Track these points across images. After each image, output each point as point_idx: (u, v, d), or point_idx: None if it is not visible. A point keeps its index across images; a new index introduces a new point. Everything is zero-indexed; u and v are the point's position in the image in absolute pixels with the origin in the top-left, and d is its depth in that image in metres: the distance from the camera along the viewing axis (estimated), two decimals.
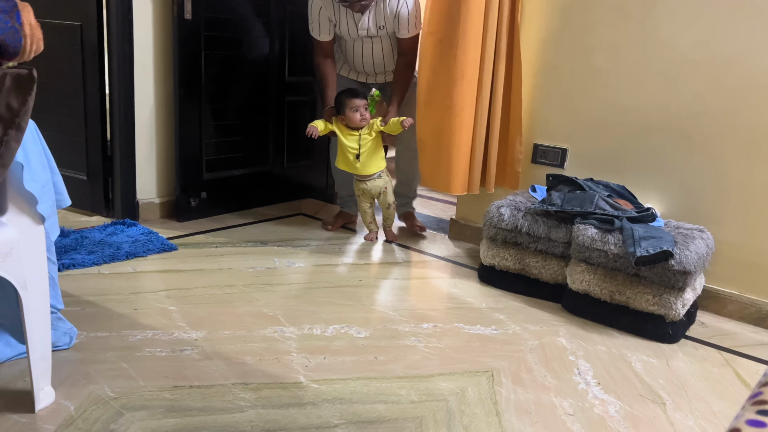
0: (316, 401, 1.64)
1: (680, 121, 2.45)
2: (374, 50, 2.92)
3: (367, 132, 2.84)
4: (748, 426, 0.51)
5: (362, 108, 2.78)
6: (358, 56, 2.96)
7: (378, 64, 2.98)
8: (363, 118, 2.79)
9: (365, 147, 2.83)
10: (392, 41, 2.91)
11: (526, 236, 2.44)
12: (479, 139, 2.80)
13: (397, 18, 2.78)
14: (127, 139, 2.95)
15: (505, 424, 1.60)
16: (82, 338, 1.87)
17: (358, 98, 2.78)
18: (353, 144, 2.83)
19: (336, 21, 2.84)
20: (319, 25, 2.86)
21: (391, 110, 2.87)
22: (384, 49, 2.93)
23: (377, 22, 2.81)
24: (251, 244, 2.85)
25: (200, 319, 2.05)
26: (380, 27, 2.83)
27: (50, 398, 1.54)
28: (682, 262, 2.07)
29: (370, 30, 2.83)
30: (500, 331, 2.14)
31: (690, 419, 1.68)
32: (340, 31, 2.88)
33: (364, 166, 2.86)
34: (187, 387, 1.66)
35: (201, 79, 3.02)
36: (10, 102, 1.28)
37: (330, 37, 2.90)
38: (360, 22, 2.81)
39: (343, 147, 2.85)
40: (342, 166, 2.92)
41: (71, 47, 2.93)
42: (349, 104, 2.77)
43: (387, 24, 2.82)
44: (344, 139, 2.83)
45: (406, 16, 2.78)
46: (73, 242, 2.61)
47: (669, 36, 2.43)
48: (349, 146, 2.83)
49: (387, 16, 2.79)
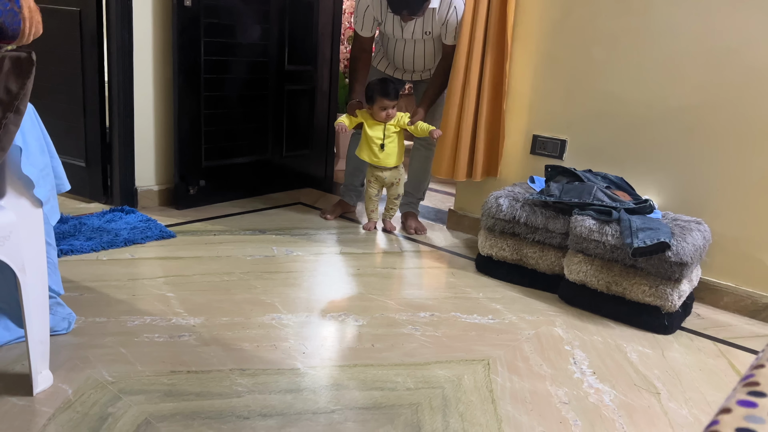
0: (313, 387, 1.65)
1: (679, 113, 2.45)
2: (416, 51, 2.92)
3: (393, 124, 2.85)
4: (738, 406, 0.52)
5: (390, 109, 2.80)
6: (399, 54, 2.96)
7: (418, 63, 2.98)
8: (387, 117, 2.81)
9: (390, 138, 2.84)
10: (435, 44, 2.91)
11: (523, 227, 2.45)
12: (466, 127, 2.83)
13: (445, 25, 2.78)
14: (126, 127, 2.95)
15: (500, 411, 1.61)
16: (81, 323, 1.87)
17: (389, 98, 2.78)
18: (378, 134, 2.84)
19: (381, 21, 2.84)
20: (362, 22, 2.86)
21: (419, 111, 2.87)
22: (426, 51, 2.92)
23: (424, 27, 2.80)
24: (250, 233, 2.85)
25: (198, 306, 2.06)
26: (426, 32, 2.82)
27: (48, 382, 1.54)
28: (678, 254, 2.07)
29: (416, 34, 2.83)
30: (497, 320, 2.15)
31: (684, 408, 1.70)
32: (384, 30, 2.88)
33: (386, 157, 2.87)
34: (184, 372, 1.66)
35: (200, 67, 3.01)
36: (8, 85, 1.28)
37: (371, 34, 2.90)
38: (406, 27, 2.81)
39: (368, 137, 2.86)
40: (364, 156, 2.92)
41: (70, 33, 2.92)
42: (379, 102, 2.79)
43: (434, 30, 2.81)
44: (369, 130, 2.85)
45: (454, 24, 2.76)
46: (72, 228, 2.61)
47: (669, 28, 2.42)
48: (374, 136, 2.84)
49: (435, 22, 2.78)
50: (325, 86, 3.71)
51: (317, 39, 3.57)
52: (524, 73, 2.81)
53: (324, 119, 3.76)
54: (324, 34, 3.61)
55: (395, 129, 2.85)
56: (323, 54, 3.64)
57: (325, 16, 3.58)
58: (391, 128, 2.84)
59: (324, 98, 3.73)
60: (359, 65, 2.95)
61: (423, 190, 3.20)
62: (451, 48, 2.84)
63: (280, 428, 1.46)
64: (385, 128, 2.84)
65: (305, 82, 3.59)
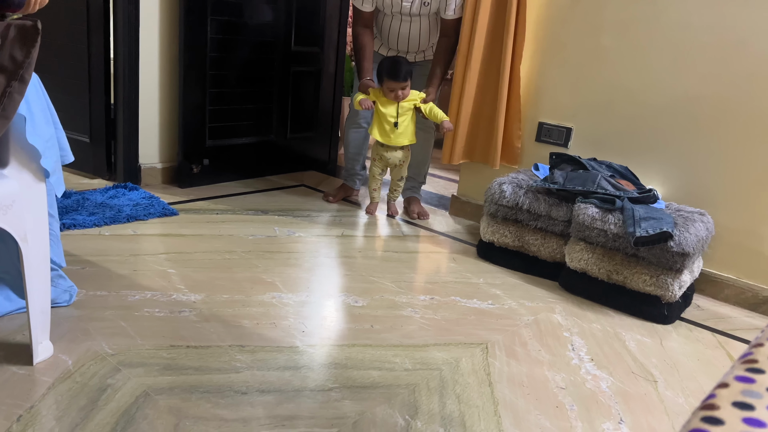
0: (311, 365, 1.65)
1: (686, 103, 2.43)
2: (411, 29, 2.88)
3: (408, 101, 2.82)
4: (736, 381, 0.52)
5: (399, 90, 2.76)
6: (394, 33, 2.92)
7: (413, 43, 2.94)
8: (396, 98, 2.79)
9: (403, 116, 2.82)
10: (431, 21, 2.87)
11: (526, 213, 2.44)
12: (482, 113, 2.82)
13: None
14: (131, 103, 2.94)
15: (497, 394, 1.62)
16: (82, 296, 1.88)
17: (396, 80, 2.74)
18: (392, 111, 2.81)
19: None
20: None
21: (430, 91, 2.84)
22: (422, 29, 2.88)
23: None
24: (252, 213, 2.85)
25: (199, 283, 2.06)
26: (425, 3, 2.77)
27: (48, 352, 1.55)
28: (681, 244, 2.07)
29: (414, 6, 2.78)
30: (496, 305, 2.16)
31: (680, 397, 1.70)
32: (382, 5, 2.84)
33: (398, 136, 2.85)
34: (184, 347, 1.67)
35: (206, 46, 3.00)
36: (14, 53, 1.28)
37: (372, 8, 2.85)
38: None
39: (381, 115, 2.83)
40: (375, 135, 2.89)
41: (76, 8, 2.90)
42: (386, 84, 2.77)
43: (432, 1, 2.77)
44: (382, 108, 2.82)
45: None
46: (75, 203, 2.61)
47: (680, 17, 2.40)
48: (387, 114, 2.81)
49: None
50: (331, 68, 3.69)
51: (324, 21, 3.55)
52: (531, 60, 2.79)
53: (329, 102, 3.75)
54: (331, 16, 3.59)
55: (409, 107, 2.83)
56: (330, 36, 3.62)
57: None
58: (405, 106, 2.82)
59: (330, 80, 3.71)
60: (364, 41, 2.90)
61: (424, 174, 3.20)
62: (453, 22, 2.80)
63: (277, 404, 1.47)
64: (399, 106, 2.81)
65: (311, 63, 3.57)
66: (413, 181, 3.17)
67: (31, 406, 1.37)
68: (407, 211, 3.12)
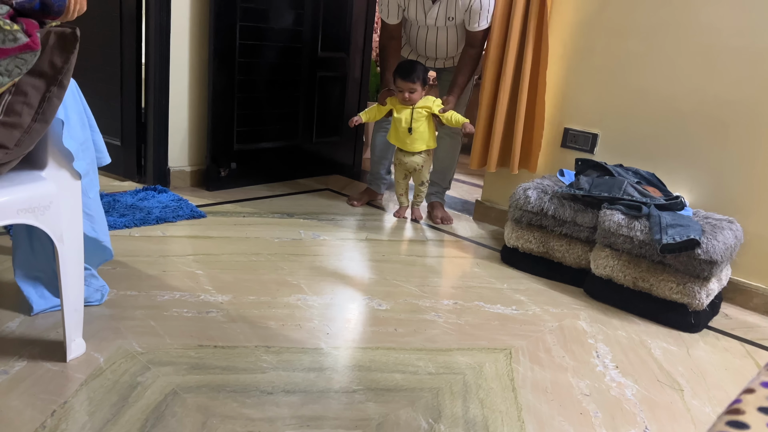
0: (336, 367, 1.67)
1: (716, 109, 2.41)
2: (439, 38, 2.92)
3: (422, 107, 2.84)
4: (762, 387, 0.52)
5: (407, 92, 2.79)
6: (422, 41, 2.96)
7: (441, 51, 2.98)
8: (404, 100, 2.81)
9: (418, 122, 2.84)
10: (458, 31, 2.90)
11: (551, 219, 2.44)
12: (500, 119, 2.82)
13: (469, 11, 2.76)
14: (161, 108, 3.01)
15: (520, 399, 1.62)
16: (113, 296, 1.93)
17: (403, 79, 2.78)
18: (406, 116, 2.84)
19: (405, 7, 2.85)
20: (388, 9, 2.87)
21: (450, 99, 2.86)
22: (449, 38, 2.92)
23: (447, 13, 2.80)
24: (278, 216, 2.89)
25: (226, 284, 2.10)
26: (449, 18, 2.81)
27: (81, 349, 1.60)
28: (708, 252, 2.05)
29: (439, 20, 2.83)
30: (520, 311, 2.15)
31: (707, 406, 1.68)
32: (408, 16, 2.89)
33: (413, 141, 2.87)
34: (211, 347, 1.71)
35: (235, 51, 3.05)
36: (53, 59, 1.32)
37: (397, 21, 2.90)
38: (429, 12, 2.81)
39: (396, 120, 2.87)
40: (392, 140, 2.94)
41: (110, 14, 2.98)
42: (396, 84, 2.81)
43: (457, 16, 2.80)
44: (397, 113, 2.86)
45: (478, 10, 2.75)
46: (106, 205, 2.67)
47: (709, 21, 2.38)
48: (401, 119, 2.85)
49: (459, 8, 2.77)
50: (356, 74, 3.72)
51: (350, 26, 3.59)
52: (557, 66, 2.78)
53: (354, 107, 3.78)
54: (357, 22, 3.62)
55: (424, 113, 2.84)
56: (356, 41, 3.65)
57: (359, 4, 3.59)
58: (420, 112, 2.83)
59: (355, 86, 3.74)
60: (388, 53, 2.96)
61: (449, 179, 3.21)
62: (478, 34, 2.82)
63: (302, 405, 1.49)
64: (413, 111, 2.83)
65: (337, 69, 3.61)
66: (437, 186, 3.18)
67: (65, 401, 1.41)
68: (431, 215, 3.13)
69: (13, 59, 1.24)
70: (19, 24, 1.23)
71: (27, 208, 1.37)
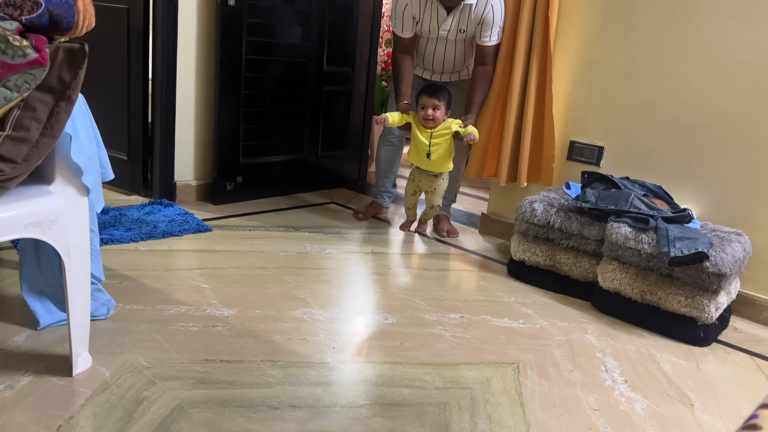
0: (342, 381, 1.66)
1: (721, 122, 2.40)
2: (447, 51, 2.93)
3: (441, 131, 2.79)
4: None
5: (430, 108, 2.74)
6: (430, 54, 2.97)
7: (448, 65, 2.99)
8: (427, 119, 2.75)
9: (436, 146, 2.80)
10: (467, 46, 2.92)
11: (558, 232, 2.43)
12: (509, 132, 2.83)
13: (481, 24, 2.78)
14: (168, 122, 3.02)
15: (529, 414, 1.60)
16: (119, 310, 1.92)
17: (430, 96, 2.74)
18: (425, 140, 2.80)
19: (419, 20, 2.87)
20: (402, 22, 2.88)
21: (470, 118, 2.84)
22: (457, 52, 2.93)
23: (460, 25, 2.81)
24: (284, 229, 2.89)
25: (232, 298, 2.09)
26: (461, 30, 2.83)
27: (87, 364, 1.59)
28: (717, 265, 2.03)
29: (451, 32, 2.84)
30: (528, 325, 2.14)
31: (719, 421, 1.66)
32: (420, 30, 2.90)
33: (433, 163, 2.85)
34: (217, 361, 1.70)
35: (241, 66, 3.07)
36: (62, 75, 1.33)
37: (411, 34, 2.91)
38: (443, 23, 2.82)
39: (416, 140, 2.84)
40: (412, 159, 2.92)
41: (117, 30, 3.00)
42: (419, 101, 2.78)
43: (469, 28, 2.82)
44: (418, 133, 2.82)
45: (490, 24, 2.76)
46: (112, 219, 2.68)
47: (713, 35, 2.38)
48: (421, 141, 2.82)
49: (471, 20, 2.78)
50: (362, 88, 3.74)
51: (356, 41, 3.61)
52: (563, 79, 2.79)
53: (360, 121, 3.79)
54: (363, 37, 3.64)
55: (443, 137, 2.79)
56: (361, 56, 3.67)
57: (364, 19, 3.61)
58: (439, 136, 2.79)
59: (360, 100, 3.76)
60: (402, 67, 2.94)
61: (455, 193, 3.20)
62: (489, 49, 2.83)
63: (309, 420, 1.48)
64: (432, 136, 2.79)
65: (343, 83, 3.62)
66: (444, 199, 3.17)
67: (71, 416, 1.40)
68: (437, 228, 3.12)
69: (22, 74, 1.25)
70: (28, 40, 1.24)
71: (34, 222, 1.38)
